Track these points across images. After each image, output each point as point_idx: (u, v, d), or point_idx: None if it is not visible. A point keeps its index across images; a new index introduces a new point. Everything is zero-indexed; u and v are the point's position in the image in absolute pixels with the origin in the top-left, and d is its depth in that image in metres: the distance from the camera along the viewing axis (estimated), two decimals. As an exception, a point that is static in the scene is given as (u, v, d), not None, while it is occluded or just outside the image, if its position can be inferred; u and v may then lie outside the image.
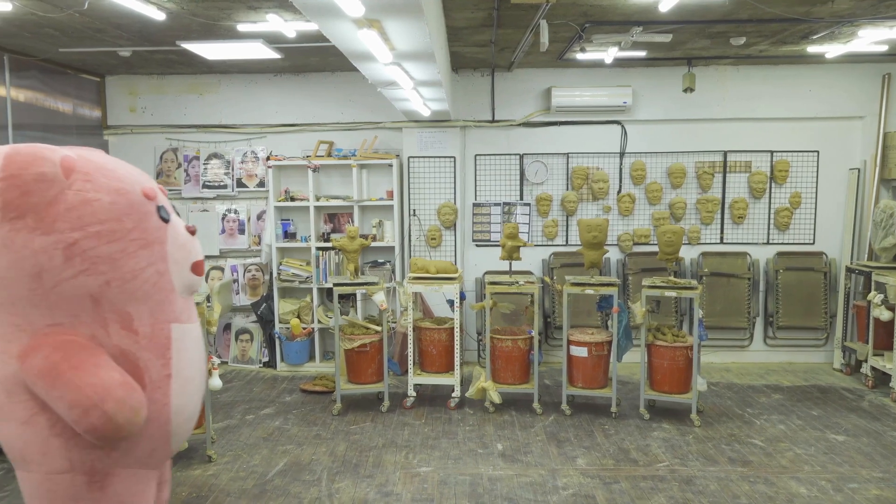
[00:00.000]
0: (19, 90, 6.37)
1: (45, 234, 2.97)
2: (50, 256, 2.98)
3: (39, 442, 3.18)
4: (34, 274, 3.00)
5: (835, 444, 5.35)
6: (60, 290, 3.05)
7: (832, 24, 5.42)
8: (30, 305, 3.07)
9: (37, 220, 2.98)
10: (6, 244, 2.95)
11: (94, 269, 3.08)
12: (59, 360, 3.02)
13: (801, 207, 7.60)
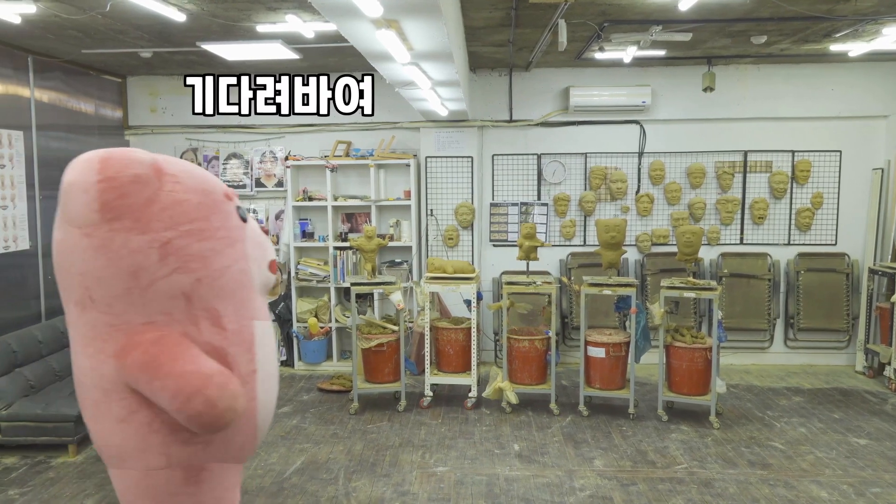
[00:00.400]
0: (43, 91, 6.46)
1: (141, 234, 3.06)
2: (146, 255, 3.06)
3: (138, 439, 3.25)
4: (131, 273, 3.08)
5: (857, 447, 5.28)
6: (156, 288, 3.13)
7: (855, 21, 5.34)
8: (126, 304, 3.14)
9: (134, 220, 3.07)
10: (105, 244, 3.03)
11: (186, 266, 3.16)
12: (158, 352, 3.11)
13: (822, 208, 7.51)
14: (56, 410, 5.11)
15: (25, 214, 6.13)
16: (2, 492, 4.61)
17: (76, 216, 3.07)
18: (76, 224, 3.08)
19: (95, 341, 3.19)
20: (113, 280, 3.11)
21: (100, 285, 3.12)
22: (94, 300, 3.15)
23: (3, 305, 5.86)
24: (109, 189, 3.03)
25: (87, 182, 3.02)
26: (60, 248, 3.15)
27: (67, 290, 3.21)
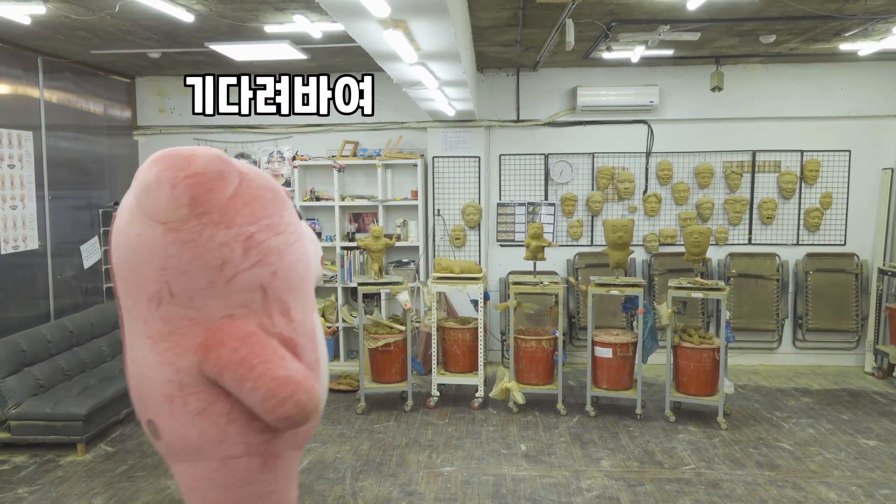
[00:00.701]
0: (52, 91, 6.50)
1: (227, 228, 3.14)
2: (232, 249, 3.14)
3: (217, 430, 3.31)
4: (217, 266, 3.14)
5: (866, 448, 5.25)
6: (237, 281, 3.20)
7: (865, 21, 5.31)
8: (207, 298, 3.20)
9: (220, 215, 3.15)
10: (192, 239, 3.09)
11: (265, 260, 3.25)
12: (248, 353, 3.18)
13: (831, 208, 7.47)
14: (65, 409, 5.14)
15: (35, 214, 6.17)
16: (11, 490, 4.64)
17: (162, 211, 3.10)
18: (161, 219, 3.11)
19: (172, 336, 3.23)
20: (198, 273, 3.16)
21: (182, 279, 3.16)
22: (173, 294, 3.19)
23: (12, 305, 5.89)
24: (198, 184, 3.10)
25: (175, 178, 3.07)
26: (137, 244, 3.16)
27: (139, 286, 3.23)
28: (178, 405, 3.29)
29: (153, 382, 3.33)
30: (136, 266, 3.21)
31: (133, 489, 4.64)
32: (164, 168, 3.11)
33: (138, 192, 3.14)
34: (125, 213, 3.24)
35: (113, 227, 3.28)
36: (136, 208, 3.16)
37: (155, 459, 5.12)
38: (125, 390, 5.80)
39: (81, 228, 6.90)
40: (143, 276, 3.21)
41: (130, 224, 3.18)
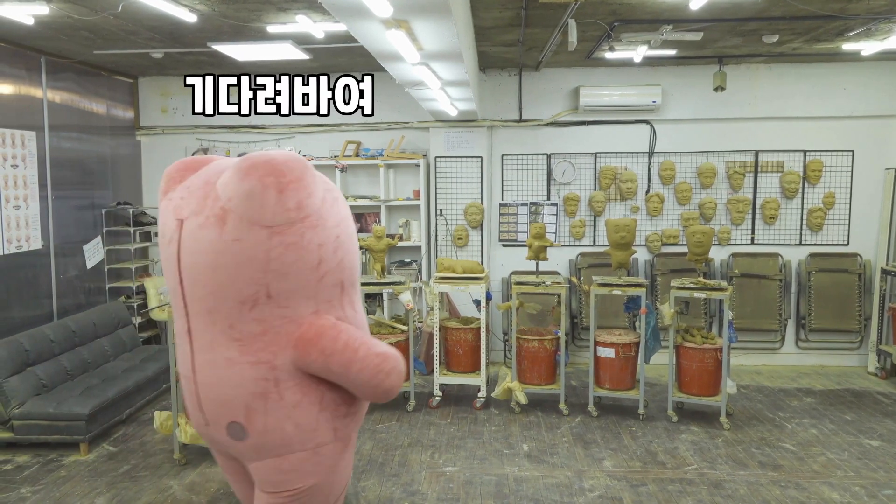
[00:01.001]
0: (55, 91, 6.51)
1: (324, 230, 3.35)
2: (326, 249, 3.36)
3: (311, 420, 3.50)
4: (313, 266, 3.35)
5: (869, 449, 5.24)
6: (327, 279, 3.43)
7: (868, 20, 5.30)
8: (301, 296, 3.38)
9: (317, 217, 3.34)
10: (296, 241, 3.27)
11: (347, 258, 3.52)
12: (348, 339, 3.42)
13: (834, 208, 7.46)
14: (68, 409, 5.14)
15: (38, 214, 6.18)
16: (14, 489, 4.65)
17: (267, 216, 3.21)
18: (265, 223, 3.21)
19: (265, 335, 3.38)
20: (296, 274, 3.33)
21: (282, 280, 3.32)
22: (270, 296, 3.33)
23: (15, 304, 5.91)
24: (301, 188, 3.25)
25: (280, 183, 3.18)
26: (236, 249, 3.24)
27: (229, 290, 3.32)
28: (274, 401, 3.42)
29: (242, 383, 3.41)
30: (232, 270, 3.28)
31: (136, 489, 4.65)
32: (266, 174, 3.20)
33: (237, 199, 3.19)
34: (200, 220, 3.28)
35: (180, 235, 3.33)
36: (233, 214, 3.21)
37: (157, 459, 5.13)
38: (128, 390, 5.85)
39: (84, 228, 6.91)
40: (239, 279, 3.30)
41: (229, 230, 3.23)
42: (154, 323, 7.61)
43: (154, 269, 7.90)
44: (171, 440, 5.13)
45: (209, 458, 5.10)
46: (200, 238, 3.30)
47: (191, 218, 3.35)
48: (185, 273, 3.41)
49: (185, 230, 3.36)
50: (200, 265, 3.34)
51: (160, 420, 5.03)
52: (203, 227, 3.30)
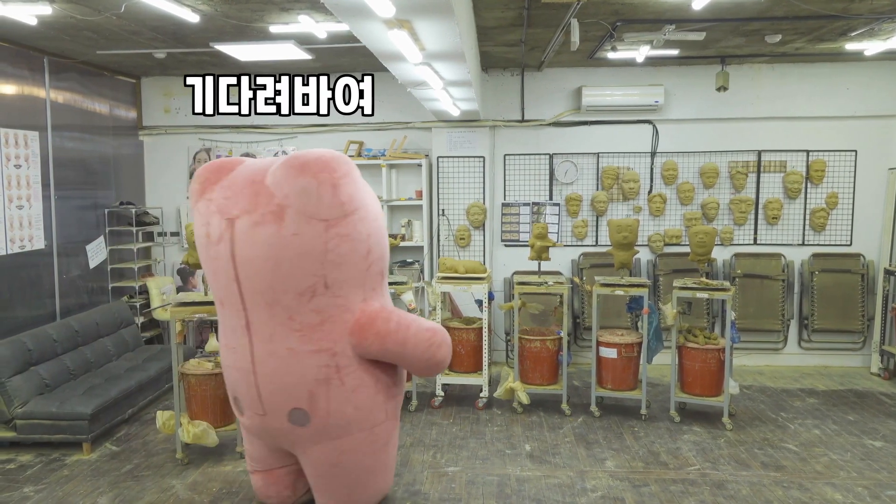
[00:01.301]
0: (58, 92, 6.52)
1: (371, 221, 3.68)
2: (374, 239, 3.71)
3: (369, 401, 3.82)
4: (363, 255, 3.67)
5: (872, 449, 5.23)
6: (374, 267, 3.76)
7: (871, 20, 5.29)
8: (352, 285, 3.68)
9: (364, 209, 3.65)
10: (349, 232, 3.57)
11: (384, 248, 3.83)
12: (399, 320, 3.76)
13: (837, 208, 7.45)
14: (71, 409, 5.15)
15: (41, 214, 6.19)
16: (17, 489, 4.65)
17: (324, 210, 3.48)
18: (322, 217, 3.49)
19: (324, 325, 3.65)
20: (352, 263, 3.63)
21: (337, 270, 3.59)
22: (328, 286, 3.60)
23: (18, 304, 5.92)
24: (351, 183, 3.55)
25: (333, 179, 3.47)
26: (297, 243, 3.49)
27: (289, 283, 3.55)
28: (336, 386, 3.70)
29: (304, 371, 3.66)
30: (292, 263, 3.52)
31: (138, 488, 4.66)
32: (320, 170, 3.47)
33: (294, 196, 3.44)
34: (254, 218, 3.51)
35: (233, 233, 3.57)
36: (290, 210, 3.46)
37: (160, 459, 5.14)
38: (130, 390, 5.86)
39: (87, 228, 6.92)
40: (298, 272, 3.54)
41: (287, 225, 3.47)
42: (156, 323, 7.62)
43: (156, 268, 7.92)
44: (174, 440, 5.14)
45: (211, 458, 5.11)
46: (257, 235, 3.50)
47: (243, 216, 3.56)
48: (241, 269, 3.58)
49: (238, 228, 3.54)
50: (259, 260, 3.52)
51: (163, 420, 5.04)
52: (259, 224, 3.50)
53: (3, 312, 5.76)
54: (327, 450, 3.81)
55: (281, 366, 3.67)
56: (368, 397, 3.81)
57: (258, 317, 3.66)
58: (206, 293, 5.17)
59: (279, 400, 3.73)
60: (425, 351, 3.78)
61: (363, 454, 3.88)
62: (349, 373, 3.72)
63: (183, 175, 7.95)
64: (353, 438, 3.82)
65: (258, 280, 3.57)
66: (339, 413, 3.74)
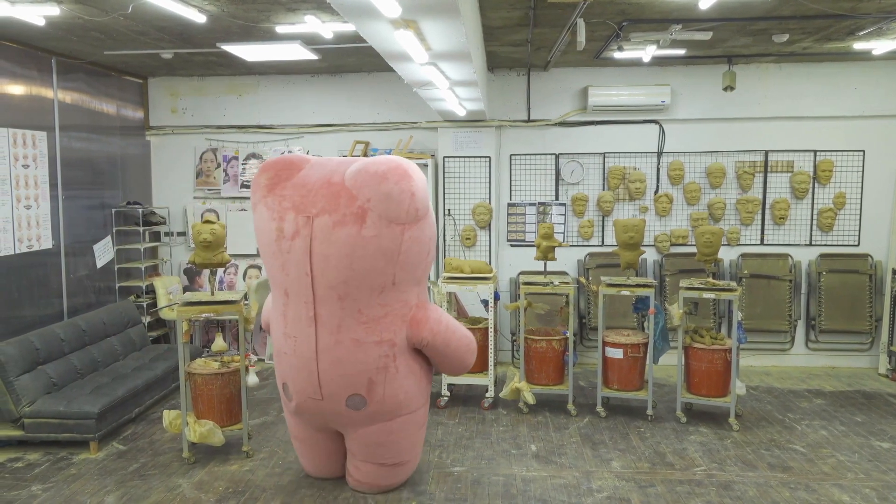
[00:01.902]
0: (66, 92, 6.55)
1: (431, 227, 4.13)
2: (432, 242, 4.17)
3: (416, 386, 4.30)
4: (424, 255, 4.11)
5: (880, 451, 5.20)
6: (426, 267, 4.19)
7: (879, 19, 5.27)
8: (413, 282, 4.15)
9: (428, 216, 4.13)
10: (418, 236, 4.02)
11: (432, 249, 4.23)
12: (447, 322, 4.27)
13: (845, 208, 7.41)
14: (78, 408, 5.17)
15: (48, 214, 6.22)
16: (25, 487, 4.68)
17: (402, 215, 3.90)
18: (400, 221, 3.91)
19: (387, 318, 4.09)
20: (416, 262, 4.06)
21: (404, 269, 4.02)
22: (395, 283, 4.03)
23: (26, 303, 5.95)
24: (424, 192, 4.00)
25: (412, 188, 3.91)
26: (375, 243, 3.90)
27: (366, 279, 3.97)
28: (392, 373, 4.15)
29: (365, 360, 4.09)
30: (371, 261, 3.93)
31: (145, 487, 4.67)
32: (401, 179, 3.88)
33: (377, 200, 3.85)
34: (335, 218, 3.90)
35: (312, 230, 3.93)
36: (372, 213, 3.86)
37: (166, 458, 5.15)
38: (137, 389, 5.89)
39: (94, 228, 6.95)
40: (375, 269, 3.95)
41: (367, 227, 3.87)
42: (163, 322, 7.65)
43: (163, 268, 7.94)
44: (180, 439, 5.16)
45: (218, 457, 5.12)
46: (337, 234, 3.88)
47: (322, 216, 3.91)
48: (316, 264, 3.94)
49: (317, 226, 3.91)
50: (335, 257, 3.90)
51: (169, 419, 5.05)
52: (340, 224, 3.88)
53: (11, 312, 5.79)
54: (376, 430, 4.25)
55: (345, 355, 4.06)
56: (414, 384, 4.27)
57: (327, 309, 4.01)
58: (212, 293, 5.19)
59: (339, 387, 4.12)
60: (464, 353, 4.30)
61: (405, 434, 4.33)
62: (405, 360, 4.18)
63: (190, 175, 7.98)
64: (400, 420, 4.27)
65: (332, 275, 3.93)
66: (392, 397, 4.17)
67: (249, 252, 7.89)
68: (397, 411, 4.24)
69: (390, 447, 4.33)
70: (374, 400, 4.14)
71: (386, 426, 4.25)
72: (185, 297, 5.19)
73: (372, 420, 4.22)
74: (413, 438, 4.44)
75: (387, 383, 4.13)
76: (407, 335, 4.15)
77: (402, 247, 3.93)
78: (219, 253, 5.14)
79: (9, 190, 5.75)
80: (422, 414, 4.44)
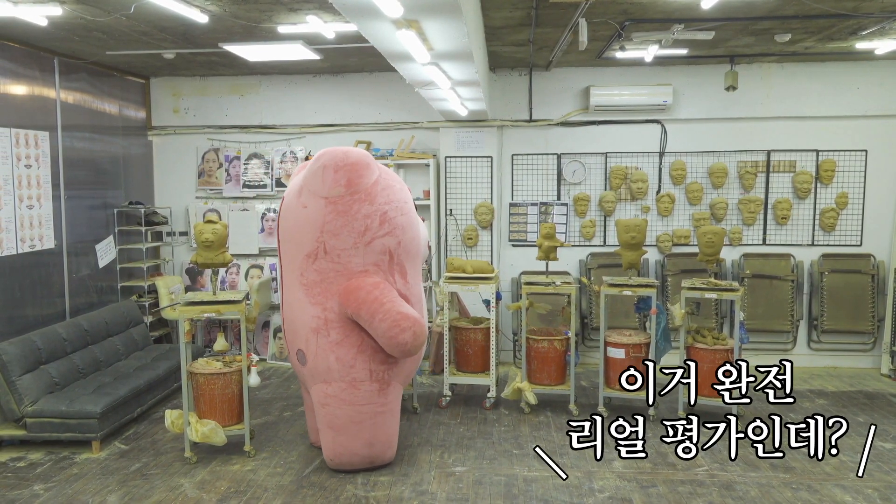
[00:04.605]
0: (68, 92, 6.55)
1: (370, 205, 4.44)
2: (371, 220, 4.44)
3: (349, 357, 4.50)
4: (360, 231, 4.44)
5: (882, 451, 5.19)
6: (373, 244, 4.48)
7: (882, 19, 5.26)
8: (350, 255, 4.47)
9: (365, 194, 4.44)
10: (346, 210, 4.40)
11: (393, 232, 4.52)
12: (379, 295, 4.38)
13: (847, 208, 7.40)
14: (80, 407, 5.18)
15: (51, 214, 6.23)
16: (27, 487, 4.69)
17: (327, 189, 4.41)
18: (325, 195, 4.41)
19: (322, 283, 4.49)
20: (346, 236, 4.43)
21: (334, 240, 4.43)
22: (326, 252, 4.46)
23: (28, 303, 5.96)
24: (352, 171, 4.41)
25: (336, 165, 4.42)
26: (305, 214, 4.48)
27: (301, 245, 4.54)
28: (323, 336, 4.50)
29: (304, 319, 4.54)
30: (302, 229, 4.50)
31: (147, 487, 4.68)
32: (329, 159, 4.45)
33: (308, 177, 4.48)
34: (292, 194, 4.64)
35: (282, 205, 4.77)
36: (304, 188, 4.48)
37: (168, 458, 5.16)
38: (139, 389, 5.91)
39: (97, 228, 6.96)
40: (306, 237, 4.49)
41: (299, 199, 4.51)
42: (165, 322, 7.66)
43: (165, 268, 7.95)
44: (183, 439, 5.16)
45: (220, 457, 5.13)
46: (285, 209, 4.69)
47: (289, 195, 4.73)
48: (280, 234, 4.76)
49: (284, 202, 4.75)
50: (284, 227, 4.69)
51: (171, 418, 5.06)
52: (287, 200, 4.69)
53: (14, 311, 5.80)
54: (318, 390, 4.60)
55: (290, 313, 4.69)
56: (350, 353, 4.49)
57: (286, 272, 4.74)
58: (214, 293, 5.19)
59: (291, 340, 4.76)
60: (389, 328, 4.31)
61: (343, 402, 4.53)
62: (334, 328, 4.48)
63: (192, 175, 7.99)
64: (335, 386, 4.53)
65: (284, 242, 4.72)
66: (325, 359, 4.51)
67: (251, 252, 7.90)
68: (329, 374, 4.53)
69: (328, 410, 4.59)
70: (309, 356, 4.57)
71: (323, 388, 4.57)
72: (187, 296, 5.19)
73: (313, 378, 4.61)
74: (359, 414, 4.56)
75: (318, 345, 4.51)
76: (339, 303, 4.46)
77: (327, 219, 4.41)
78: (221, 253, 5.15)
79: (11, 190, 5.75)
80: (364, 390, 4.54)
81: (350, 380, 4.51)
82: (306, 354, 4.57)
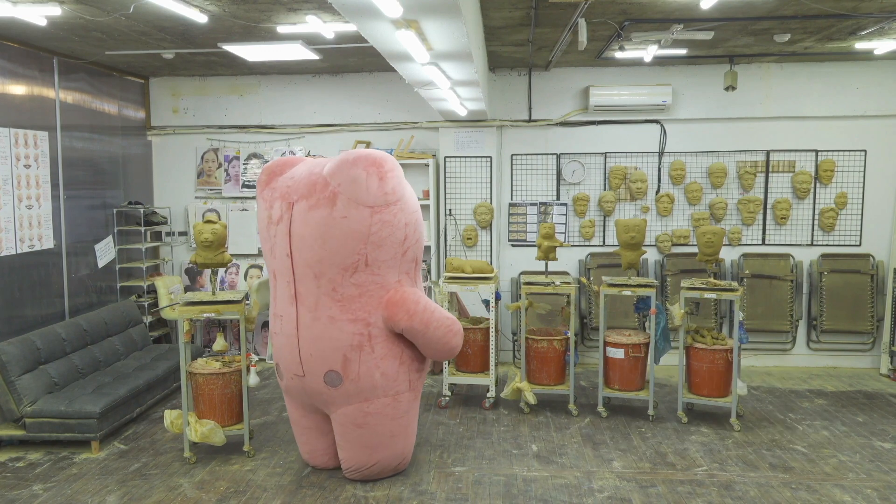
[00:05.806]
0: (68, 92, 6.55)
1: (408, 213, 4.32)
2: (408, 228, 4.32)
3: (393, 370, 4.40)
4: (400, 241, 4.30)
5: (881, 451, 5.20)
6: (408, 253, 4.38)
7: (882, 19, 5.26)
8: (388, 266, 4.31)
9: (403, 202, 4.30)
10: (388, 220, 4.22)
11: (420, 238, 4.47)
12: (426, 304, 4.36)
13: (847, 208, 7.41)
14: (79, 407, 5.18)
15: (50, 214, 6.23)
16: (26, 487, 4.68)
17: (369, 198, 4.16)
18: (368, 204, 4.16)
19: (362, 297, 4.30)
20: (389, 246, 4.26)
21: (377, 251, 4.24)
22: (368, 264, 4.25)
23: (27, 303, 5.95)
24: (395, 178, 4.25)
25: (381, 172, 4.19)
26: (345, 224, 4.17)
27: (338, 257, 4.22)
28: (367, 352, 4.31)
29: (341, 337, 4.29)
30: (341, 241, 4.19)
31: (146, 487, 4.68)
32: (369, 164, 4.18)
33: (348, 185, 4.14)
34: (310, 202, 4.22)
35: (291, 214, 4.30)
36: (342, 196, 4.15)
37: (168, 458, 5.16)
38: (139, 389, 5.90)
39: (96, 228, 6.96)
40: (345, 249, 4.20)
41: (338, 209, 4.16)
42: (165, 322, 7.65)
43: (165, 268, 7.95)
44: (182, 439, 5.16)
45: (219, 457, 5.12)
46: (312, 216, 4.20)
47: (301, 201, 4.26)
48: (295, 245, 4.27)
49: (296, 210, 4.27)
50: (310, 237, 4.21)
51: (171, 419, 5.06)
52: (314, 207, 4.19)
53: (13, 311, 5.80)
54: (354, 410, 4.38)
55: (322, 331, 4.30)
56: (393, 367, 4.37)
57: (305, 287, 4.31)
58: (213, 293, 5.19)
59: (317, 362, 4.34)
60: (444, 335, 4.32)
61: (385, 418, 4.41)
62: (380, 342, 4.31)
63: (191, 175, 7.99)
64: (378, 402, 4.38)
65: (308, 255, 4.24)
66: (368, 377, 4.31)
67: (251, 252, 7.89)
68: (373, 392, 4.35)
69: (367, 429, 4.42)
70: (349, 377, 4.30)
71: (363, 407, 4.37)
72: (187, 296, 5.19)
73: (349, 399, 4.36)
74: (395, 425, 4.48)
75: (361, 361, 4.29)
76: (384, 317, 4.30)
77: (372, 229, 4.17)
78: (220, 253, 5.15)
79: (10, 190, 5.75)
80: (405, 401, 4.47)
81: (393, 393, 4.42)
82: (344, 375, 4.32)
